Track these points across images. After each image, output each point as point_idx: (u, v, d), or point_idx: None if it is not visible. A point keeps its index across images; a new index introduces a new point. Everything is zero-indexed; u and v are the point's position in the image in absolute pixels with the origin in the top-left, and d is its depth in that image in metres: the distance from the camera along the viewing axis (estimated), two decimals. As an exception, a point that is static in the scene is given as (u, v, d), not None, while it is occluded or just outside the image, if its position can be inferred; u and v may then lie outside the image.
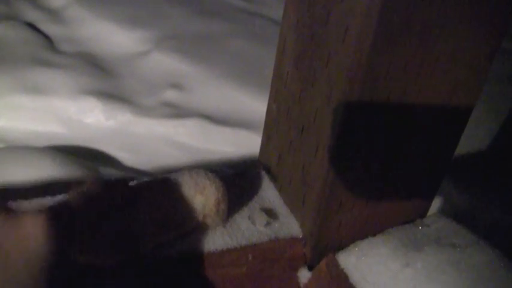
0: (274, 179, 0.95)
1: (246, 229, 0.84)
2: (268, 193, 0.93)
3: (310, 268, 0.86)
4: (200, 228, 0.82)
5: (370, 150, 0.76)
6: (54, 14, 2.21)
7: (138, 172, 1.58)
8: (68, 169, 1.36)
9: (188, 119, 1.76)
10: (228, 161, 1.68)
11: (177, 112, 1.80)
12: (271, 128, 0.96)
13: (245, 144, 1.71)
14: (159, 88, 1.92)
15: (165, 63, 2.03)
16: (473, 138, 1.91)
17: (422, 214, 0.90)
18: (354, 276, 0.79)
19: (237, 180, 0.94)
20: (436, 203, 1.64)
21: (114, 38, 2.11)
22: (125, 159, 1.65)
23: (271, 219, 0.85)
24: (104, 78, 1.91)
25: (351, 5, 0.67)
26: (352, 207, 0.81)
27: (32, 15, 2.18)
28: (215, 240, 0.81)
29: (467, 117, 0.81)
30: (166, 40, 2.10)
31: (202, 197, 0.79)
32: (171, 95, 1.89)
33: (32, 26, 2.09)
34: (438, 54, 0.71)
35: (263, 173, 0.97)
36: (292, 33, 0.83)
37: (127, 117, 1.75)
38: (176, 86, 1.93)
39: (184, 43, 2.10)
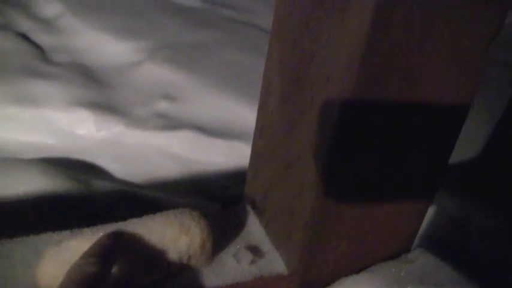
0: (260, 214, 0.94)
1: (231, 268, 0.83)
2: (254, 229, 0.92)
3: (297, 305, 0.86)
4: (185, 269, 0.81)
5: (354, 191, 0.76)
6: (47, 24, 2.20)
7: (130, 184, 1.57)
8: (58, 181, 1.35)
9: (181, 130, 1.75)
10: (222, 173, 1.68)
11: (170, 123, 1.80)
12: (257, 164, 0.95)
13: (238, 155, 1.70)
14: (152, 99, 1.91)
15: (158, 73, 2.02)
16: (466, 145, 1.91)
17: (407, 248, 0.90)
18: (339, 314, 0.79)
19: (222, 217, 0.93)
20: (428, 212, 1.64)
21: (107, 48, 2.10)
22: (117, 171, 1.64)
23: (256, 257, 0.85)
24: (97, 89, 1.90)
25: (333, 50, 0.67)
26: (338, 246, 0.80)
27: (25, 25, 2.17)
28: (200, 280, 0.80)
29: (458, 133, 0.80)
30: (159, 50, 2.09)
31: (187, 237, 0.78)
32: (163, 106, 1.88)
33: (24, 36, 2.08)
34: (423, 87, 0.70)
35: (249, 208, 0.96)
36: (276, 73, 0.83)
37: (119, 128, 1.74)
38: (169, 96, 1.92)
39: (177, 53, 2.09)
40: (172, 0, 2.50)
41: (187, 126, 1.77)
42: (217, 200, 1.47)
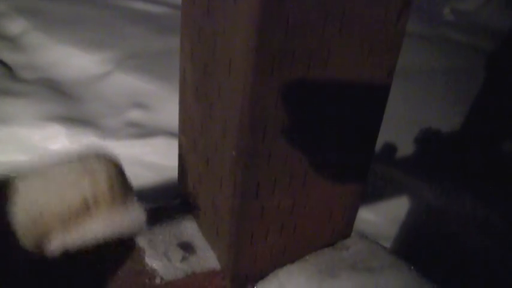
0: (192, 210, 0.93)
1: (162, 266, 0.81)
2: (186, 225, 0.91)
3: (233, 300, 0.84)
4: (100, 217, 0.75)
5: (274, 176, 0.74)
6: (12, 42, 2.20)
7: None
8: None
9: (154, 138, 1.75)
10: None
11: (143, 131, 1.79)
12: (183, 160, 0.95)
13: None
14: (123, 108, 1.90)
15: (127, 83, 2.01)
16: (441, 132, 1.91)
17: (346, 234, 0.88)
18: (274, 306, 0.78)
19: (154, 214, 0.92)
20: (408, 200, 1.64)
21: (74, 61, 2.10)
22: (92, 183, 1.64)
23: (187, 253, 0.83)
24: (67, 103, 1.90)
25: (231, 36, 0.66)
26: (266, 236, 0.79)
27: (-10, 45, 2.17)
28: (130, 280, 0.79)
29: (378, 123, 0.79)
30: (126, 60, 2.09)
31: (91, 177, 0.72)
32: (135, 114, 1.88)
33: (-10, 56, 2.09)
34: (331, 73, 0.69)
35: (182, 205, 0.95)
36: (188, 64, 0.82)
37: (92, 140, 1.74)
38: (140, 105, 1.92)
39: (145, 62, 2.09)
40: (136, 6, 2.51)
41: (160, 133, 1.77)
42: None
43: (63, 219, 0.72)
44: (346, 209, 0.85)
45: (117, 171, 0.76)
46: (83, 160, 0.75)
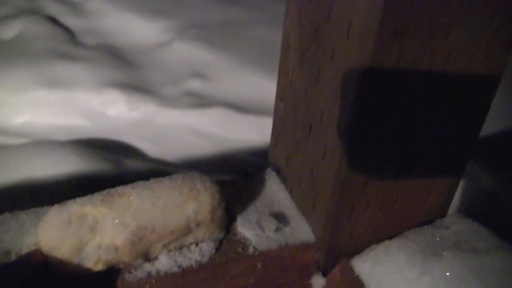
0: (284, 180, 0.91)
1: (255, 236, 0.79)
2: (279, 196, 0.88)
3: (325, 274, 0.82)
4: (199, 238, 0.77)
5: (381, 149, 0.71)
6: (75, 7, 2.21)
7: (162, 163, 1.57)
8: (92, 162, 1.36)
9: (212, 108, 1.73)
10: (254, 149, 1.66)
11: (201, 101, 1.78)
12: (279, 128, 0.92)
13: (270, 131, 1.68)
14: (182, 78, 1.89)
15: (187, 52, 2.00)
16: (503, 118, 1.85)
17: (443, 213, 0.85)
18: (369, 283, 0.75)
19: (245, 183, 0.90)
20: (461, 185, 1.60)
21: (135, 29, 2.10)
22: (149, 151, 1.64)
23: (281, 224, 0.81)
24: (127, 70, 1.90)
25: None
26: (365, 210, 0.76)
27: (53, 8, 2.18)
28: (220, 249, 0.77)
29: (489, 103, 0.75)
30: (187, 29, 2.07)
31: (196, 203, 0.74)
32: (193, 84, 1.86)
33: (53, 20, 2.09)
34: (451, 45, 0.65)
35: (273, 174, 0.93)
36: (295, 28, 0.79)
37: (150, 108, 1.74)
38: (199, 75, 1.90)
39: (206, 32, 2.07)
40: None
41: (218, 104, 1.75)
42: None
43: (164, 238, 0.74)
44: (445, 187, 0.81)
45: (220, 197, 0.77)
46: (188, 181, 0.76)
